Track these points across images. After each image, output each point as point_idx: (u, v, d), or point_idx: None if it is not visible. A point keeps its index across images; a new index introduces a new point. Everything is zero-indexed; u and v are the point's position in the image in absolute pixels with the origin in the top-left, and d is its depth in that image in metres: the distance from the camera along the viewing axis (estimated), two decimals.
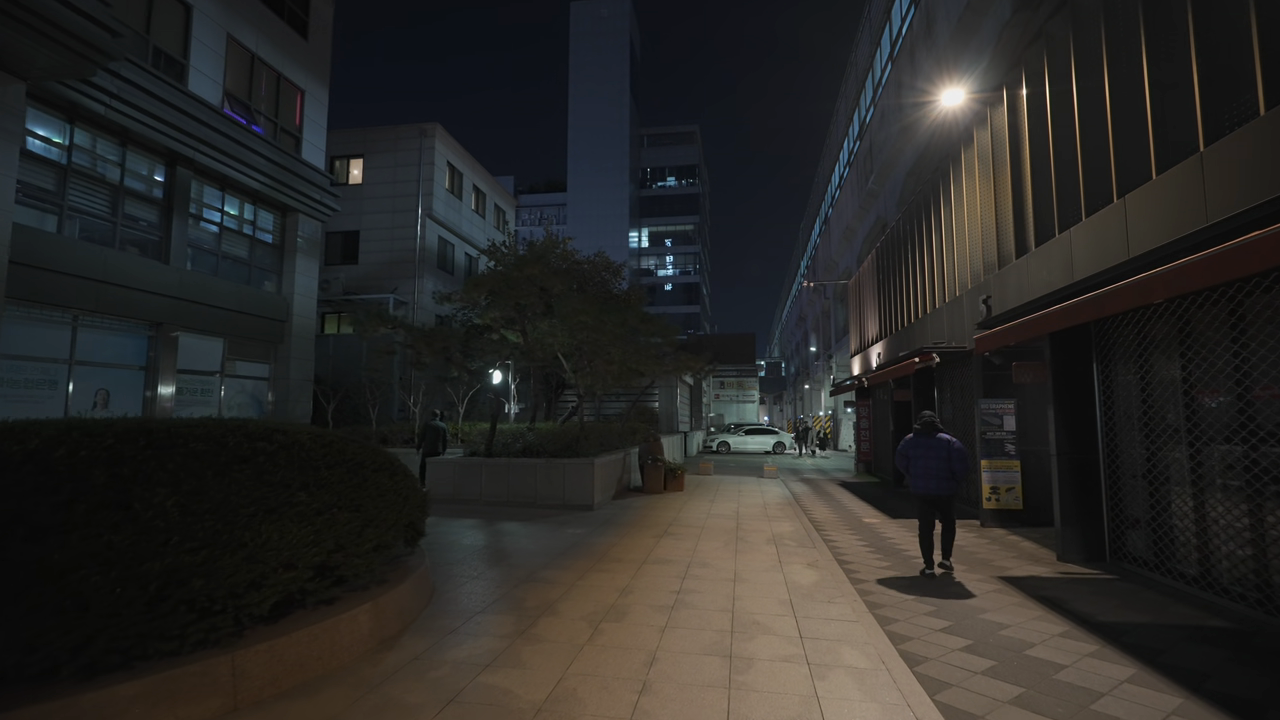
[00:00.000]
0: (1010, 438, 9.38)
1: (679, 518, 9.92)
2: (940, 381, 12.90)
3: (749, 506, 11.38)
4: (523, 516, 9.70)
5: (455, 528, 8.67)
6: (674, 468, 13.69)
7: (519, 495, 10.73)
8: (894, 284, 14.55)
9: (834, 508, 11.93)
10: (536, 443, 11.27)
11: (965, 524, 9.81)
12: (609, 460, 11.80)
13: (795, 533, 8.72)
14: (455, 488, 10.93)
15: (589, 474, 10.57)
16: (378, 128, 23.63)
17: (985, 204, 9.04)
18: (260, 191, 16.53)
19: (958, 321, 10.19)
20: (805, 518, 10.25)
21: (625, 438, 15.04)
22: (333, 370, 20.93)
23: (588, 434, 12.41)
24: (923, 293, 12.25)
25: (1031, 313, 6.91)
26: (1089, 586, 6.12)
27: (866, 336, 17.76)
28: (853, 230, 29.63)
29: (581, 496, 10.57)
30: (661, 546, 7.60)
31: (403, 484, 5.22)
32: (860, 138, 27.43)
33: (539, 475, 10.70)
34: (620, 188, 73.44)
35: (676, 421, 25.45)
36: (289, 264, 17.75)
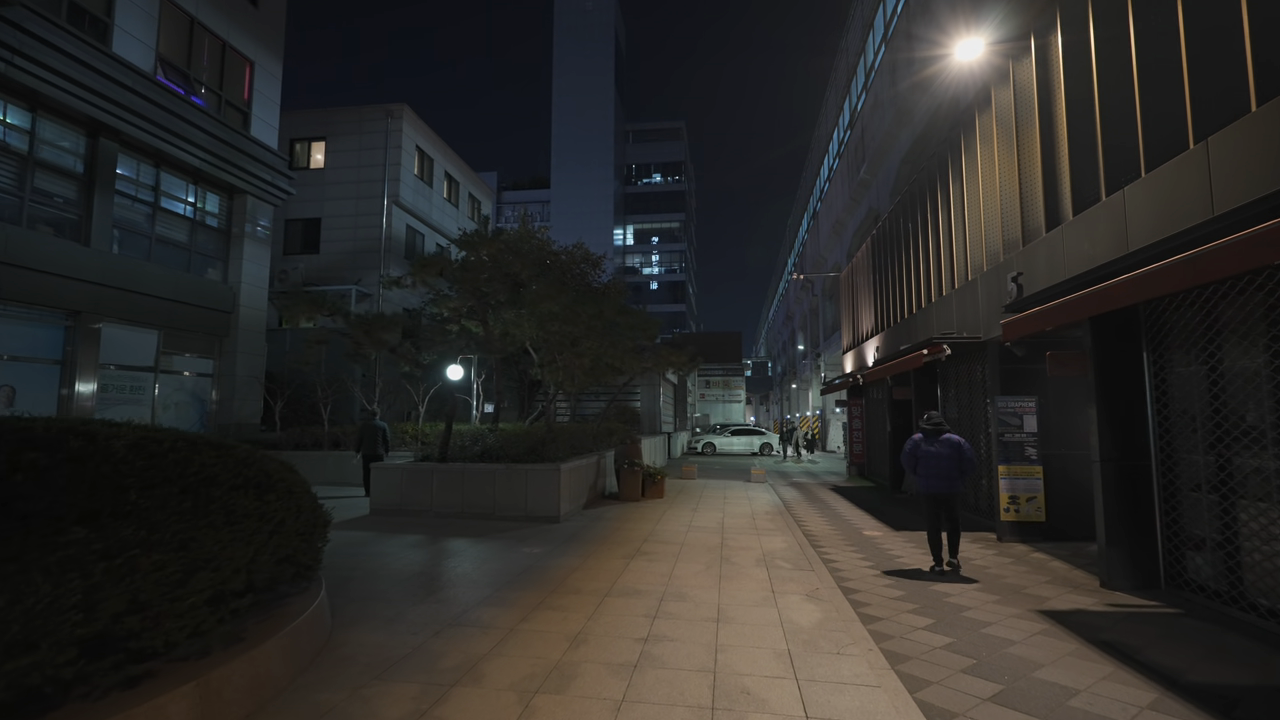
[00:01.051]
0: (1031, 440, 8.27)
1: (656, 531, 8.69)
2: (944, 378, 11.80)
3: (735, 516, 10.19)
4: (476, 531, 8.42)
5: (391, 547, 7.38)
6: (653, 472, 12.47)
7: (475, 506, 9.45)
8: (892, 274, 13.44)
9: (829, 517, 10.77)
10: (497, 446, 9.99)
11: (979, 537, 8.68)
12: (579, 465, 10.55)
13: (789, 550, 7.53)
14: (402, 497, 9.62)
15: (554, 481, 9.31)
16: (341, 108, 22.18)
17: (1006, 174, 7.92)
18: (202, 170, 15.07)
19: (970, 309, 9.07)
20: (798, 530, 9.07)
21: (601, 440, 13.79)
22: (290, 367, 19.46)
23: (556, 436, 11.14)
24: (926, 280, 11.14)
25: (1067, 293, 5.79)
26: (1154, 626, 4.97)
27: (860, 331, 16.66)
28: (843, 224, 28.62)
29: (546, 507, 9.31)
30: (631, 571, 6.37)
31: (279, 505, 3.94)
32: (851, 127, 26.41)
33: (498, 483, 9.42)
34: (605, 184, 72.14)
35: (659, 422, 24.24)
36: (236, 250, 16.30)
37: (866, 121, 22.99)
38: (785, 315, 55.32)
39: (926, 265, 11.17)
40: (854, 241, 27.26)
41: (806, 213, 42.35)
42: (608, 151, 73.15)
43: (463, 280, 9.77)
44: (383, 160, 21.63)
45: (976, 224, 8.98)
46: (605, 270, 22.29)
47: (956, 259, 9.68)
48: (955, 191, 9.79)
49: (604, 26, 74.49)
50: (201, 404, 15.62)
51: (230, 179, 15.67)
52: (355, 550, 7.15)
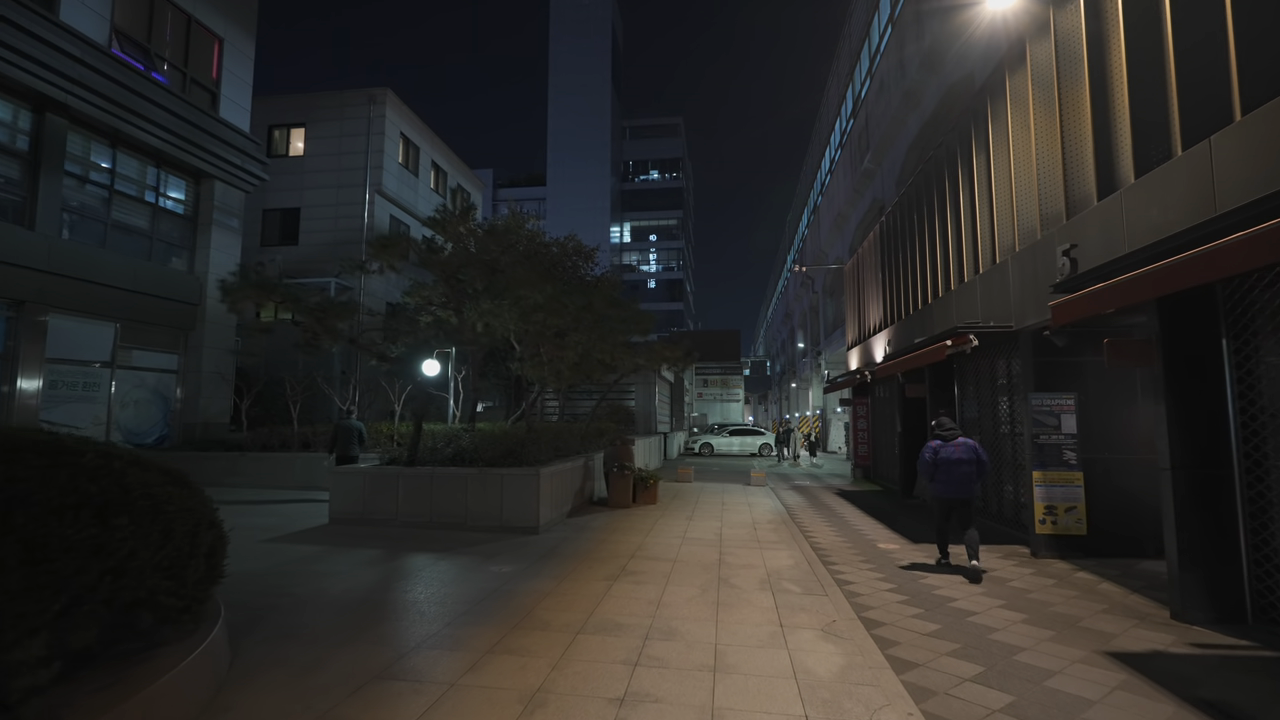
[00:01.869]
0: (1070, 442, 7.31)
1: (646, 544, 7.72)
2: (962, 374, 10.85)
3: (734, 526, 9.22)
4: (442, 544, 7.44)
5: (339, 564, 6.40)
6: (646, 476, 11.50)
7: (445, 515, 8.47)
8: (903, 263, 12.48)
9: (838, 527, 9.81)
10: (472, 448, 9.02)
11: (1010, 551, 7.72)
12: (563, 470, 9.57)
13: (796, 569, 6.56)
14: (365, 505, 8.64)
15: (532, 488, 8.34)
16: (321, 93, 21.18)
17: (1045, 139, 6.95)
18: (164, 152, 14.06)
19: (997, 295, 8.10)
20: (805, 543, 8.10)
21: (590, 441, 12.82)
22: (266, 364, 18.49)
23: (538, 437, 10.16)
24: (944, 267, 10.18)
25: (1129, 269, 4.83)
26: (1261, 677, 4.01)
27: (867, 326, 15.71)
28: (845, 216, 27.67)
29: (523, 516, 8.33)
30: (614, 597, 5.40)
31: (130, 533, 2.96)
32: (854, 115, 25.47)
33: (470, 489, 8.44)
34: (601, 180, 71.23)
35: (655, 422, 23.28)
36: (204, 239, 15.31)
37: (871, 108, 22.04)
38: (784, 313, 54.38)
39: (944, 251, 10.21)
40: (857, 235, 26.33)
41: (806, 208, 41.41)
42: (604, 148, 72.22)
43: (432, 264, 8.80)
44: (365, 147, 20.64)
45: (1006, 199, 8.02)
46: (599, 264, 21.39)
47: (981, 241, 8.72)
48: (979, 166, 8.82)
49: (600, 21, 73.53)
50: (165, 402, 14.63)
51: (196, 162, 14.68)
52: (295, 569, 6.17)
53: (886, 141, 20.40)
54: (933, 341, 8.76)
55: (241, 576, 5.81)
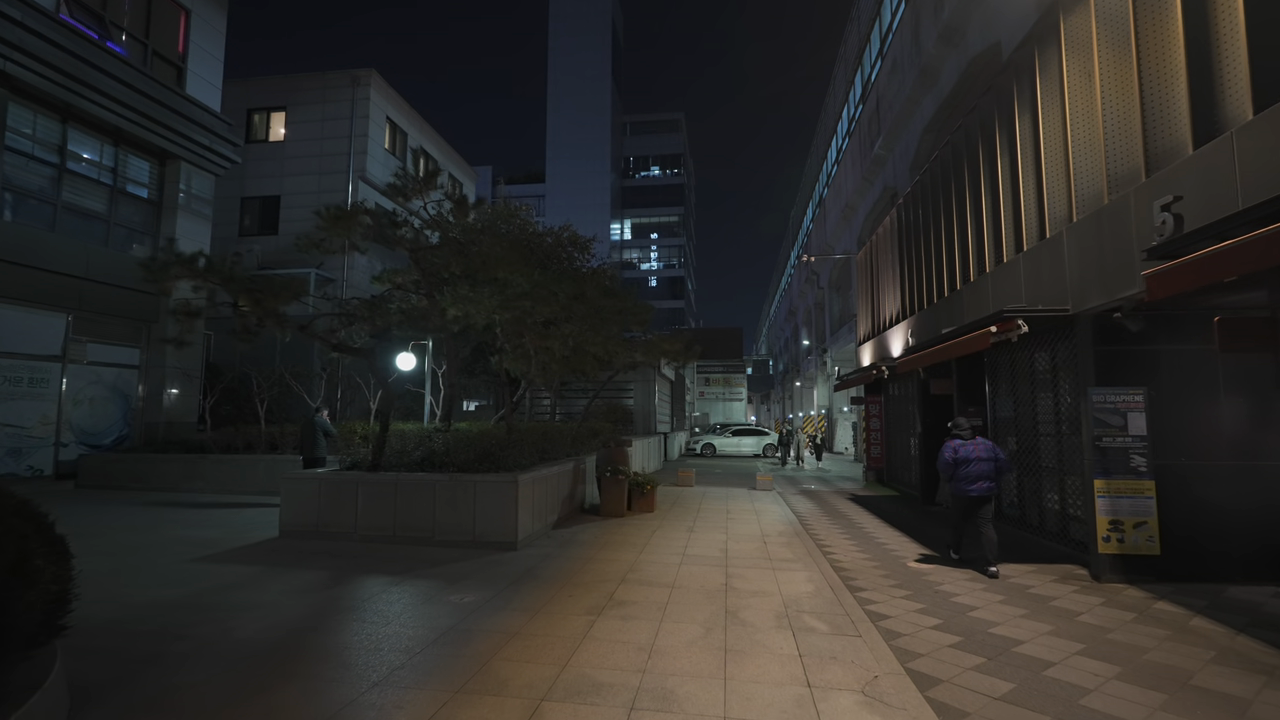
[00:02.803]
0: (1139, 446, 6.20)
1: (639, 564, 6.63)
2: (993, 368, 9.74)
3: (742, 538, 8.12)
4: (402, 564, 6.36)
5: (268, 593, 5.31)
6: (642, 481, 10.41)
7: (410, 528, 7.38)
8: (925, 247, 11.37)
9: (858, 539, 8.70)
10: (444, 450, 7.93)
11: (1064, 572, 6.61)
12: (547, 475, 8.48)
13: (818, 597, 5.47)
14: (320, 516, 7.55)
15: (510, 496, 7.24)
16: (302, 75, 20.11)
17: (1115, 85, 5.85)
18: (123, 129, 13.00)
19: (1047, 274, 7.00)
20: (824, 562, 7.00)
21: (582, 442, 11.72)
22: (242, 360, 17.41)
23: (522, 438, 9.08)
24: (977, 247, 9.07)
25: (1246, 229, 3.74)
26: None
27: (881, 318, 14.59)
28: (853, 207, 26.55)
29: (499, 529, 7.24)
30: (595, 641, 4.31)
31: None
32: (863, 101, 24.35)
33: (438, 498, 7.35)
34: (601, 176, 70.09)
35: (654, 421, 22.19)
36: (169, 224, 14.23)
37: (882, 91, 20.92)
38: (788, 310, 53.25)
39: (976, 230, 9.11)
40: (865, 226, 25.22)
41: (812, 201, 40.28)
42: (604, 144, 71.10)
43: (395, 242, 7.72)
44: (348, 132, 19.57)
45: (1058, 164, 6.91)
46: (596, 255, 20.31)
47: (1025, 215, 7.61)
48: (1022, 132, 7.71)
49: (600, 15, 72.39)
50: (124, 400, 13.56)
51: (159, 141, 13.61)
52: (213, 599, 5.08)
53: (899, 125, 19.28)
54: (970, 329, 7.65)
55: (140, 610, 4.73)
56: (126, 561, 6.33)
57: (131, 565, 6.18)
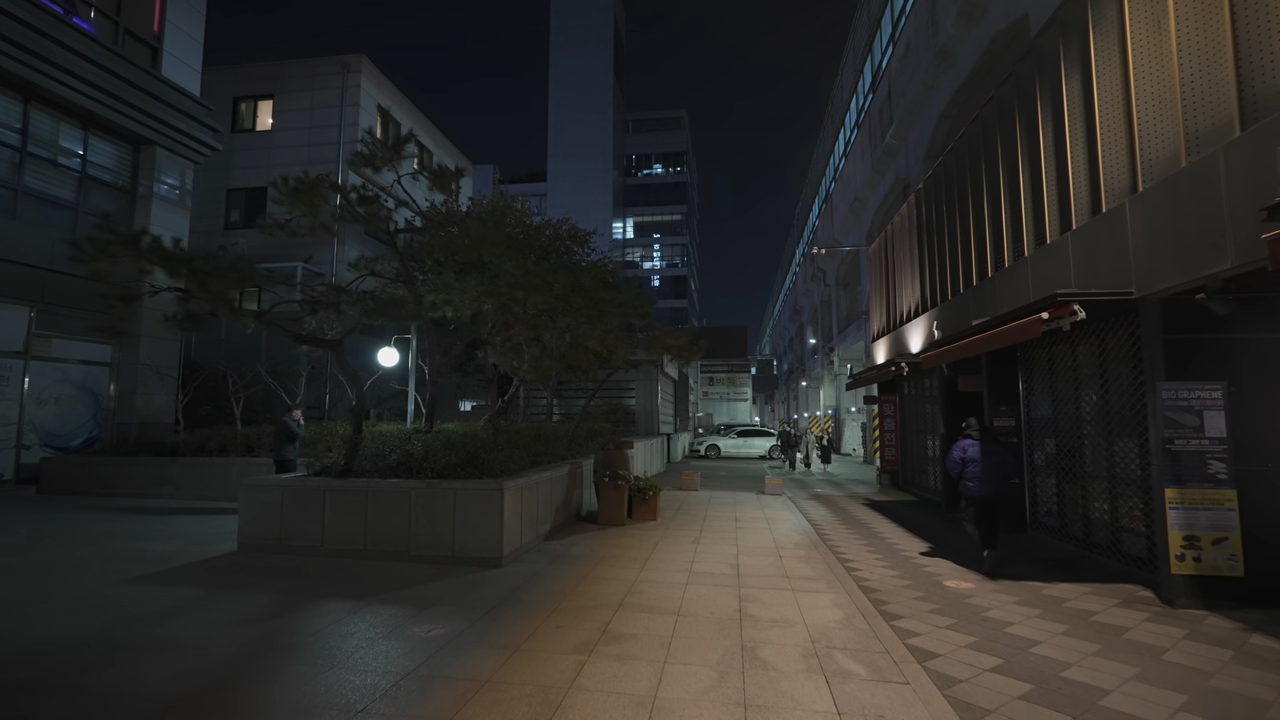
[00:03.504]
0: (1218, 450, 5.36)
1: (640, 584, 5.81)
2: (1029, 364, 8.90)
3: (754, 552, 7.29)
4: (367, 586, 5.55)
5: (202, 624, 4.50)
6: (644, 487, 9.59)
7: (383, 541, 6.56)
8: (950, 233, 10.53)
9: (882, 552, 7.86)
10: (424, 454, 7.11)
11: (1128, 595, 5.76)
12: (538, 481, 7.65)
13: (849, 628, 4.64)
14: (283, 528, 6.74)
15: (494, 506, 6.43)
16: (290, 62, 19.32)
17: (1196, 26, 5.01)
18: (92, 111, 12.22)
19: (1106, 252, 6.15)
20: (849, 580, 6.17)
21: (579, 444, 10.92)
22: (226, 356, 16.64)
23: (512, 439, 8.28)
24: (1013, 230, 8.23)
25: None
26: None
27: (899, 312, 13.75)
28: (862, 200, 25.69)
29: (482, 542, 6.42)
30: (582, 692, 3.49)
31: None
32: (873, 89, 23.50)
33: (414, 507, 6.54)
34: (604, 174, 69.31)
35: (657, 422, 21.36)
36: (143, 213, 13.45)
37: (894, 77, 20.07)
38: (793, 309, 52.37)
39: (1012, 211, 8.27)
40: (875, 220, 24.37)
41: (818, 196, 39.41)
42: (606, 141, 70.34)
43: (370, 221, 6.94)
44: (339, 120, 18.78)
45: (1117, 127, 6.07)
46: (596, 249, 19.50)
47: (1075, 188, 6.76)
48: (1071, 97, 6.87)
49: (602, 11, 71.61)
50: (95, 399, 12.78)
51: (132, 125, 12.84)
52: (132, 633, 4.28)
53: (913, 111, 18.43)
54: (1013, 317, 6.80)
55: (32, 650, 3.92)
56: (50, 583, 5.53)
57: (53, 588, 5.38)
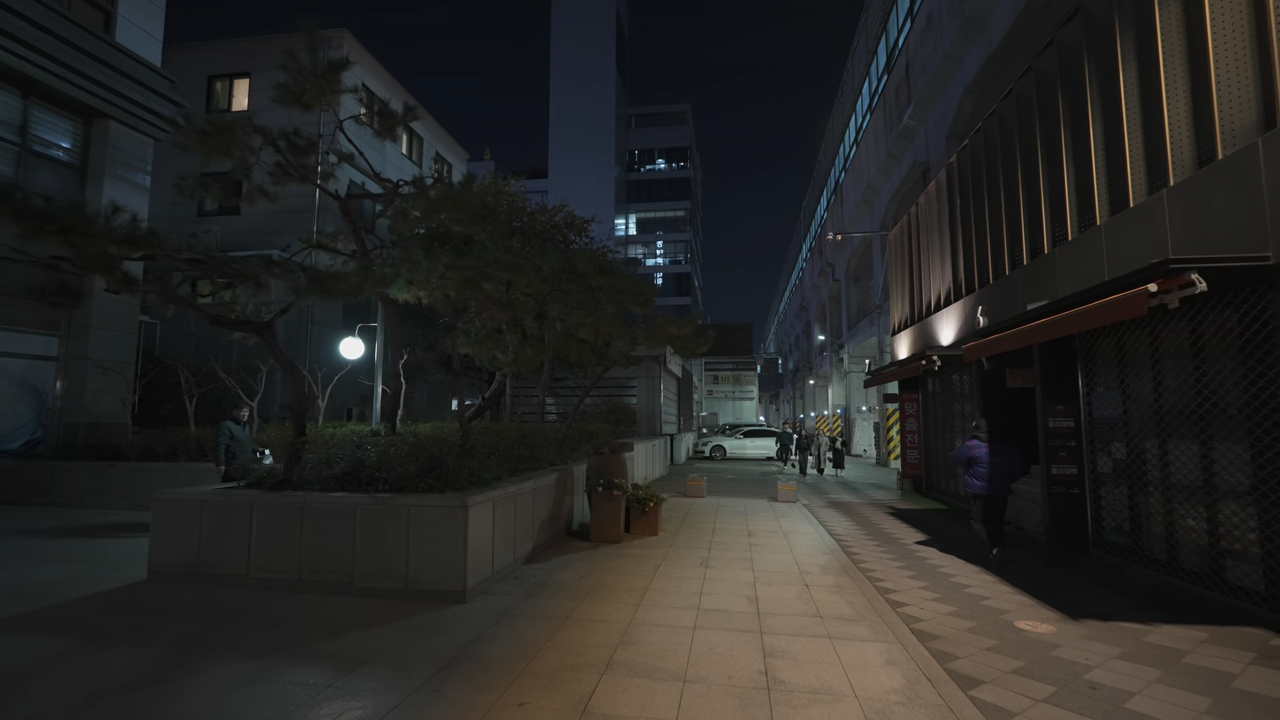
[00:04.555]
0: None
1: (635, 631, 4.58)
2: (1089, 354, 7.63)
3: (774, 578, 6.05)
4: (288, 632, 4.34)
5: (49, 696, 3.28)
6: (644, 497, 8.36)
7: (321, 569, 5.35)
8: (991, 209, 9.28)
9: (927, 578, 6.60)
10: (379, 461, 5.88)
11: (1257, 643, 4.49)
12: (517, 493, 6.42)
13: (914, 701, 3.40)
14: (202, 551, 5.53)
15: (455, 526, 5.20)
16: (268, 37, 18.13)
17: None
18: (34, 79, 11.01)
19: (1227, 207, 4.90)
20: (900, 623, 4.93)
21: (571, 447, 9.69)
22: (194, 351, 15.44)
23: (489, 443, 7.06)
24: (1080, 195, 6.98)
25: None
26: None
27: (926, 300, 12.48)
28: (875, 189, 24.41)
29: (440, 573, 5.20)
30: None
31: None
32: (888, 69, 22.21)
33: (360, 529, 5.32)
34: (605, 169, 68.12)
35: (659, 422, 20.14)
36: (94, 192, 12.23)
37: (912, 54, 18.78)
38: (799, 306, 51.06)
39: (1078, 175, 7.02)
40: (890, 209, 23.09)
41: (826, 188, 38.11)
42: (609, 136, 69.14)
43: (307, 176, 5.76)
44: None
45: (1237, 55, 4.80)
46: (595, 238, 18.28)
47: (1172, 135, 5.51)
48: (1165, 22, 5.60)
49: (604, 4, 70.35)
50: (38, 397, 11.59)
51: (80, 95, 11.64)
52: None
53: (934, 88, 17.14)
54: (1099, 294, 5.54)
55: None
56: None
57: None
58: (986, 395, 9.89)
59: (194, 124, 5.31)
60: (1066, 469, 7.86)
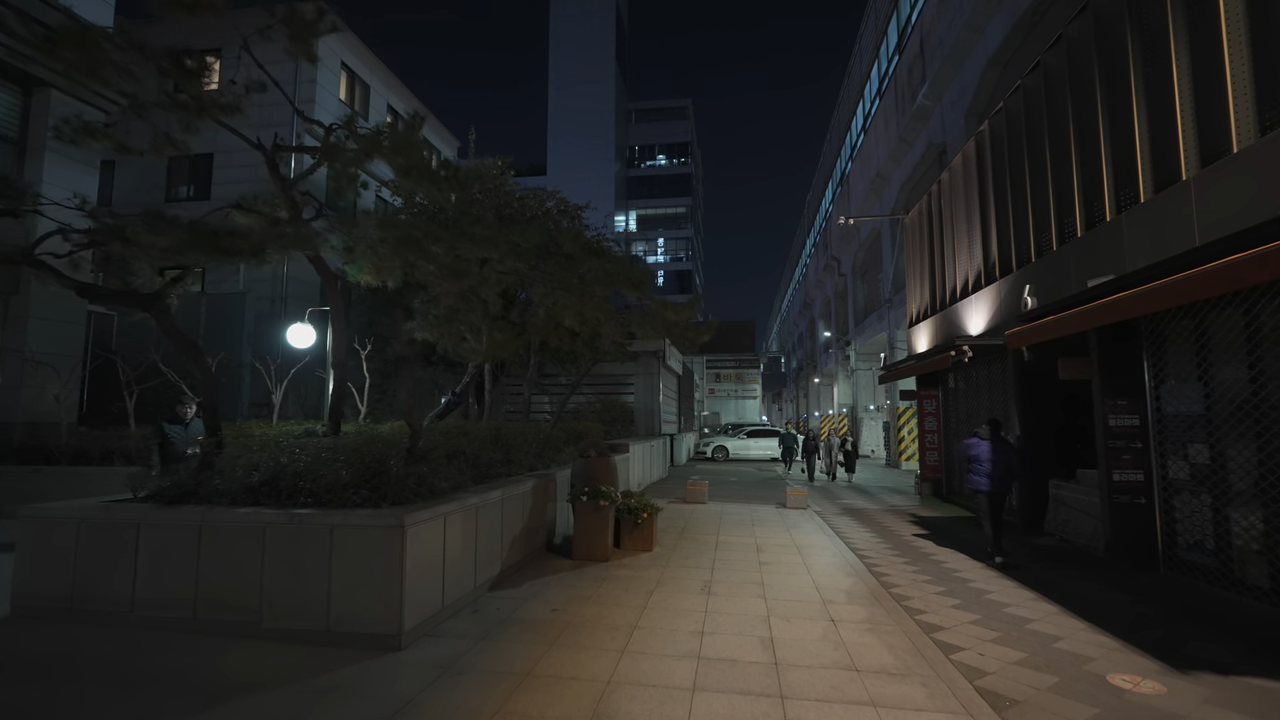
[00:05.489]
0: None
1: (615, 689, 3.45)
2: (1157, 340, 6.48)
3: (792, 612, 4.91)
4: (155, 696, 3.22)
5: None
6: (636, 507, 7.22)
7: (223, 605, 4.22)
8: (1037, 176, 8.13)
9: (978, 609, 5.45)
10: (311, 467, 4.72)
11: None
12: (479, 505, 5.28)
13: None
14: (78, 580, 4.41)
15: (391, 551, 4.07)
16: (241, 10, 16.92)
17: None
18: None
19: None
20: (958, 678, 3.79)
21: (555, 449, 8.57)
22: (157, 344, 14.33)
23: (452, 445, 5.93)
24: (1162, 146, 5.83)
25: None
26: None
27: (951, 286, 11.33)
28: (885, 177, 23.26)
29: (372, 611, 4.07)
30: None
31: None
32: (900, 50, 21.06)
33: (270, 555, 4.19)
34: (605, 165, 67.02)
35: (658, 421, 19.01)
36: (34, 170, 11.11)
37: (928, 28, 17.64)
38: (803, 303, 49.91)
39: (1159, 123, 5.87)
40: (901, 197, 21.95)
41: (831, 180, 36.95)
42: (609, 131, 68.02)
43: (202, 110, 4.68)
44: (294, 78, 16.44)
45: None
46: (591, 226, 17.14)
47: None
48: None
49: None
50: None
51: (15, 61, 10.53)
52: None
53: (952, 63, 15.99)
54: (1193, 261, 4.40)
55: None
56: None
57: None
58: (1024, 390, 8.75)
59: (34, 30, 4.19)
60: (1130, 474, 6.72)
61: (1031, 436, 8.67)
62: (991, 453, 7.15)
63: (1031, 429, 8.63)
